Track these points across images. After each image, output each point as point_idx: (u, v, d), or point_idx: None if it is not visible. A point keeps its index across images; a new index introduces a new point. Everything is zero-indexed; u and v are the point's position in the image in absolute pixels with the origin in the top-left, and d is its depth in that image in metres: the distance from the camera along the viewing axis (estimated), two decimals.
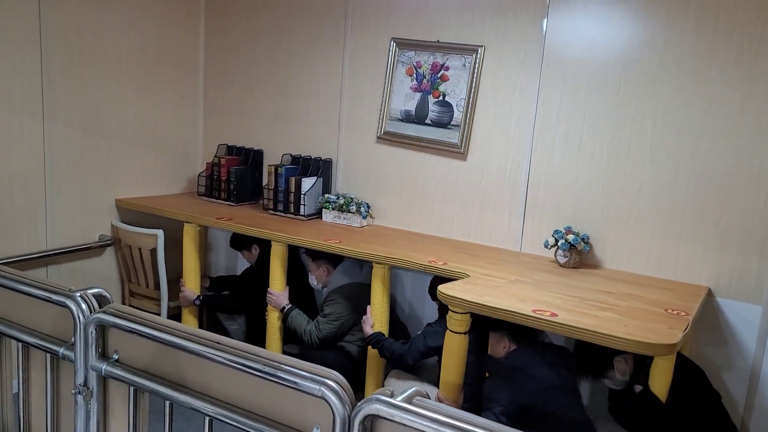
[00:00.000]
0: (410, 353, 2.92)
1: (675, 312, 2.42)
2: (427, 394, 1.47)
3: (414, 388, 1.46)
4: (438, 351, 2.78)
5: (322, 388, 1.45)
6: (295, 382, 1.49)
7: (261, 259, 3.70)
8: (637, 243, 3.01)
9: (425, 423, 1.33)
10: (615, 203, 3.04)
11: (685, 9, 2.81)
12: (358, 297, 3.26)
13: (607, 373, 2.60)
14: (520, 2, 3.18)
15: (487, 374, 2.74)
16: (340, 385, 1.46)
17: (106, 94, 3.72)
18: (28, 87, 3.32)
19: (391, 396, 1.40)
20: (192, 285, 3.71)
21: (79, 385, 1.83)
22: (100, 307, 1.89)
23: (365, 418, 1.40)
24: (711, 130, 2.81)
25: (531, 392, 2.38)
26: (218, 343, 1.64)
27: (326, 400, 1.44)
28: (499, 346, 2.64)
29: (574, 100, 3.10)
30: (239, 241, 3.80)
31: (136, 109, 3.91)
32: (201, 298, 3.73)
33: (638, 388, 2.45)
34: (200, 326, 3.90)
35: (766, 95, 2.69)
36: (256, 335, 3.71)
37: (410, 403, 1.39)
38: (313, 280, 3.54)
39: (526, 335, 2.61)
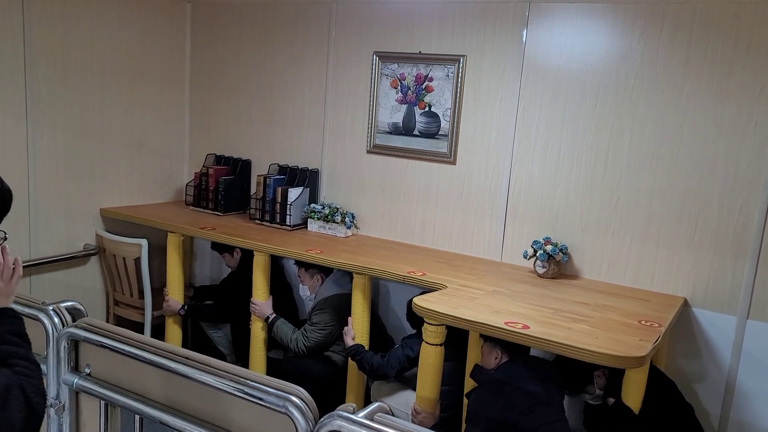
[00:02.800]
0: (389, 365, 2.93)
1: (648, 323, 2.44)
2: (390, 410, 1.49)
3: (377, 404, 1.48)
4: (417, 361, 2.81)
5: (286, 404, 1.48)
6: (260, 398, 1.52)
7: (242, 264, 3.72)
8: (614, 254, 3.04)
9: None
10: (593, 214, 3.07)
11: (660, 22, 2.84)
12: (347, 308, 3.27)
13: (587, 388, 2.62)
14: (500, 13, 3.22)
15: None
16: (303, 401, 1.48)
17: (91, 103, 3.74)
18: (11, 95, 3.34)
19: (353, 412, 1.43)
20: (176, 295, 3.72)
21: (52, 398, 1.85)
22: (74, 320, 1.91)
23: None
24: (686, 142, 2.84)
25: (518, 407, 2.34)
26: (187, 358, 1.66)
27: (290, 416, 1.46)
28: (491, 357, 2.60)
29: (553, 112, 3.13)
30: (221, 244, 3.80)
31: (122, 118, 3.93)
32: (186, 307, 3.74)
33: (611, 400, 2.48)
34: (185, 335, 3.91)
35: (739, 107, 2.72)
36: (241, 343, 3.73)
37: (371, 419, 1.41)
38: (305, 290, 3.54)
39: (519, 348, 2.53)
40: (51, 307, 1.89)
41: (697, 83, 2.80)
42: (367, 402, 3.22)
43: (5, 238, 1.34)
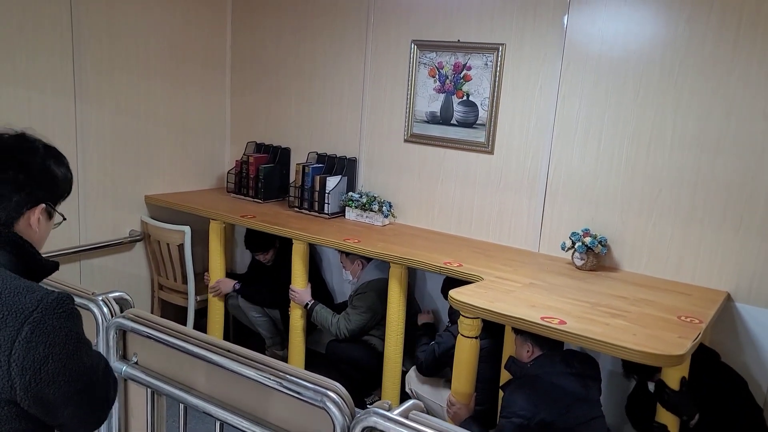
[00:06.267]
0: (426, 367, 3.06)
1: (688, 319, 2.40)
2: (425, 408, 1.52)
3: (412, 402, 1.51)
4: (447, 357, 2.87)
5: (324, 399, 1.52)
6: (298, 392, 1.56)
7: (280, 255, 3.79)
8: (655, 246, 2.98)
9: None
10: (634, 205, 3.02)
11: (708, 9, 2.75)
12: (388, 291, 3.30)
13: (655, 376, 2.52)
14: (541, 0, 3.16)
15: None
16: (340, 396, 1.52)
17: (136, 92, 3.83)
18: (60, 88, 3.45)
19: (389, 409, 1.46)
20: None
21: None
22: (122, 310, 1.99)
23: (363, 429, 1.46)
24: (733, 131, 2.76)
25: (554, 404, 2.30)
26: (228, 351, 1.71)
27: (327, 411, 1.50)
28: (523, 350, 2.56)
29: (594, 101, 3.07)
30: (255, 244, 3.87)
31: (165, 106, 4.02)
32: (240, 285, 3.80)
33: (652, 385, 2.44)
34: (226, 319, 4.00)
35: None
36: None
37: (407, 417, 1.44)
38: (348, 275, 3.60)
39: (551, 342, 2.46)
40: (100, 298, 1.96)
41: (746, 70, 2.70)
42: (402, 391, 3.27)
43: (65, 218, 1.44)
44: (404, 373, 3.34)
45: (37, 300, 1.17)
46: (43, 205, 1.34)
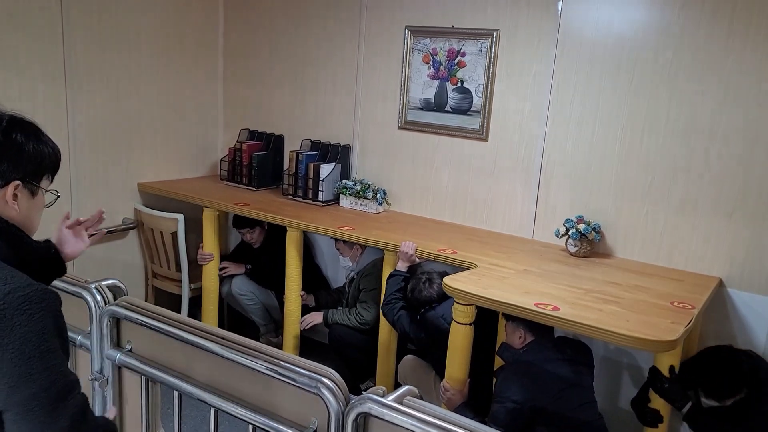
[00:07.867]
0: (397, 321, 3.02)
1: (681, 305, 2.42)
2: (419, 394, 1.52)
3: (406, 387, 1.51)
4: (405, 336, 3.03)
5: (318, 386, 1.52)
6: (293, 379, 1.57)
7: (269, 239, 3.81)
8: (649, 232, 2.99)
9: (414, 423, 1.39)
10: (627, 192, 3.03)
11: None
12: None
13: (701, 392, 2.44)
14: None
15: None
16: (335, 383, 1.53)
17: (127, 80, 3.80)
18: (50, 74, 3.42)
19: (383, 395, 1.47)
20: (213, 267, 3.82)
21: (96, 372, 1.94)
22: (115, 298, 1.98)
23: (358, 415, 1.46)
24: (726, 119, 2.77)
25: (546, 391, 2.32)
26: (222, 338, 1.71)
27: (321, 397, 1.51)
28: (515, 336, 2.56)
29: (588, 87, 3.07)
30: (244, 221, 3.85)
31: (157, 94, 3.98)
32: (250, 267, 3.89)
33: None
34: (220, 306, 4.00)
35: None
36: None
37: (401, 403, 1.45)
38: (346, 261, 3.59)
39: (542, 327, 2.46)
40: (93, 286, 1.96)
41: (740, 59, 2.70)
42: (396, 383, 3.27)
43: (58, 196, 1.40)
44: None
45: (5, 293, 1.12)
46: (17, 181, 1.26)
